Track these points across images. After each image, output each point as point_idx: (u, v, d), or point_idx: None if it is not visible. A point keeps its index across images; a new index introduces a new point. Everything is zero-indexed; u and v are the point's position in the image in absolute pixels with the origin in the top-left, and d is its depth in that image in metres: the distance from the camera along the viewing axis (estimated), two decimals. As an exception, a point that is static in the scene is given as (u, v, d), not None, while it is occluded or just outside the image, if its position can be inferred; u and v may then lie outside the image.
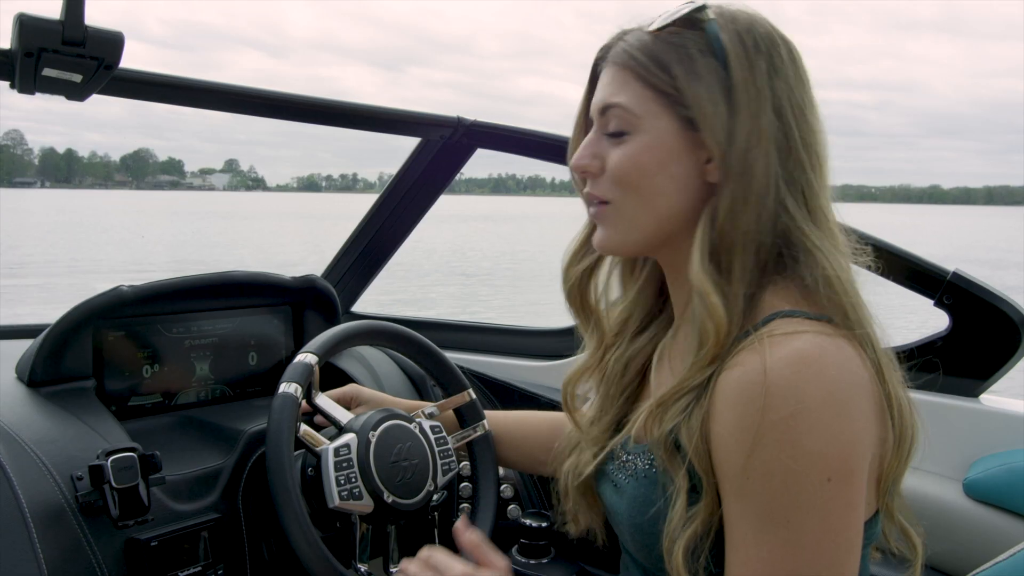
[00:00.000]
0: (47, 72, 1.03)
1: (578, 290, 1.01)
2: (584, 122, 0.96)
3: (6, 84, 1.13)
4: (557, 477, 1.08)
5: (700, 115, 0.83)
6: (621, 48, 0.88)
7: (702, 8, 0.85)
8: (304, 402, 1.13)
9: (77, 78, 1.06)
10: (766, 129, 0.82)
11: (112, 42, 0.99)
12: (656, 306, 1.03)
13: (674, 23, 0.85)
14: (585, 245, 1.00)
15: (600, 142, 0.90)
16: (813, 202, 0.84)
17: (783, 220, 0.83)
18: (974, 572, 0.92)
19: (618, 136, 0.88)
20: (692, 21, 0.85)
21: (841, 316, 0.81)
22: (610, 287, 1.03)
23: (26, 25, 0.95)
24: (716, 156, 0.83)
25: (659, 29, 0.86)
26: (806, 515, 0.74)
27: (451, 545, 0.98)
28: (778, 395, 0.73)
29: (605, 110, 0.89)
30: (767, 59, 0.83)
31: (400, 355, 1.53)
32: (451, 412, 1.32)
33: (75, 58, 0.99)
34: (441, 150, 1.78)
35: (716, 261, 0.84)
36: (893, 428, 0.81)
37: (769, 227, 0.83)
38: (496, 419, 1.34)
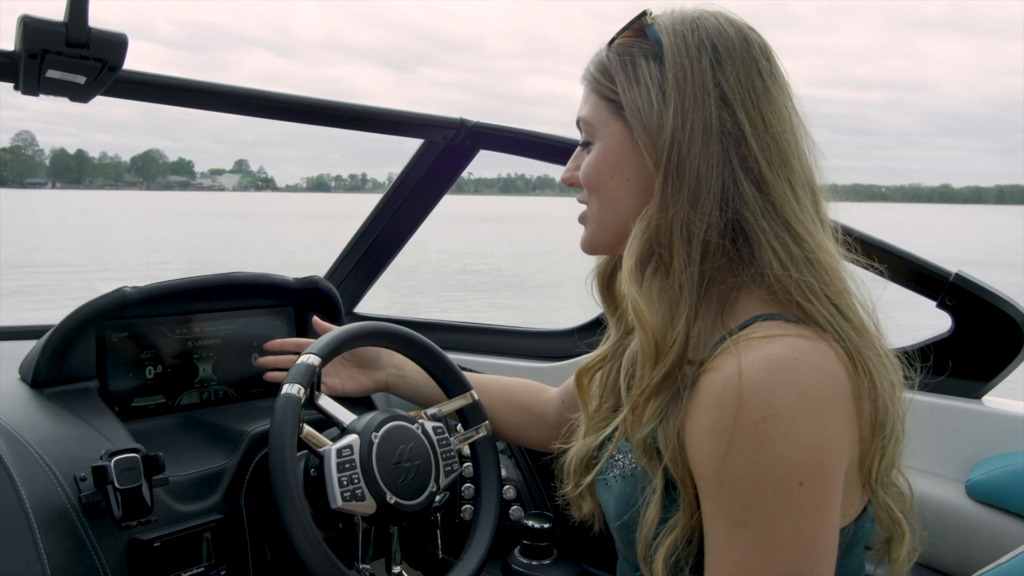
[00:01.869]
0: (51, 74, 1.03)
1: (605, 279, 1.04)
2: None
3: (10, 85, 1.13)
4: (553, 451, 1.10)
5: (632, 113, 0.87)
6: (586, 66, 0.95)
7: (644, 14, 0.89)
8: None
9: (81, 80, 1.06)
10: (705, 119, 0.83)
11: (116, 44, 1.00)
12: None
13: (624, 33, 0.91)
14: None
15: (580, 155, 0.98)
16: (771, 194, 0.83)
17: (736, 209, 0.83)
18: (976, 573, 0.92)
19: (587, 146, 0.95)
20: (638, 28, 0.89)
21: (804, 315, 0.80)
22: None
23: (29, 27, 0.95)
24: (646, 149, 0.86)
25: (611, 42, 0.92)
26: (778, 519, 0.74)
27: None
28: (750, 399, 0.74)
29: (579, 125, 0.96)
30: (711, 52, 0.85)
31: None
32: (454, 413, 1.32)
33: (79, 60, 0.99)
34: (444, 151, 1.78)
35: (659, 258, 0.85)
36: (874, 418, 0.79)
37: (717, 217, 0.83)
38: (476, 381, 1.35)
